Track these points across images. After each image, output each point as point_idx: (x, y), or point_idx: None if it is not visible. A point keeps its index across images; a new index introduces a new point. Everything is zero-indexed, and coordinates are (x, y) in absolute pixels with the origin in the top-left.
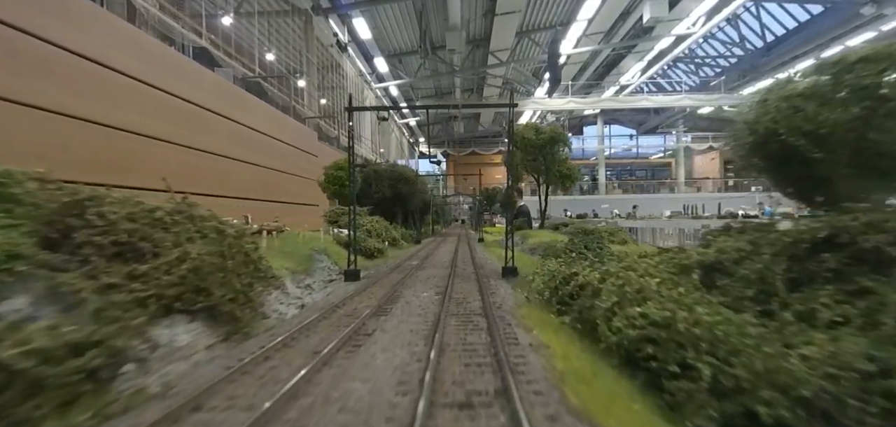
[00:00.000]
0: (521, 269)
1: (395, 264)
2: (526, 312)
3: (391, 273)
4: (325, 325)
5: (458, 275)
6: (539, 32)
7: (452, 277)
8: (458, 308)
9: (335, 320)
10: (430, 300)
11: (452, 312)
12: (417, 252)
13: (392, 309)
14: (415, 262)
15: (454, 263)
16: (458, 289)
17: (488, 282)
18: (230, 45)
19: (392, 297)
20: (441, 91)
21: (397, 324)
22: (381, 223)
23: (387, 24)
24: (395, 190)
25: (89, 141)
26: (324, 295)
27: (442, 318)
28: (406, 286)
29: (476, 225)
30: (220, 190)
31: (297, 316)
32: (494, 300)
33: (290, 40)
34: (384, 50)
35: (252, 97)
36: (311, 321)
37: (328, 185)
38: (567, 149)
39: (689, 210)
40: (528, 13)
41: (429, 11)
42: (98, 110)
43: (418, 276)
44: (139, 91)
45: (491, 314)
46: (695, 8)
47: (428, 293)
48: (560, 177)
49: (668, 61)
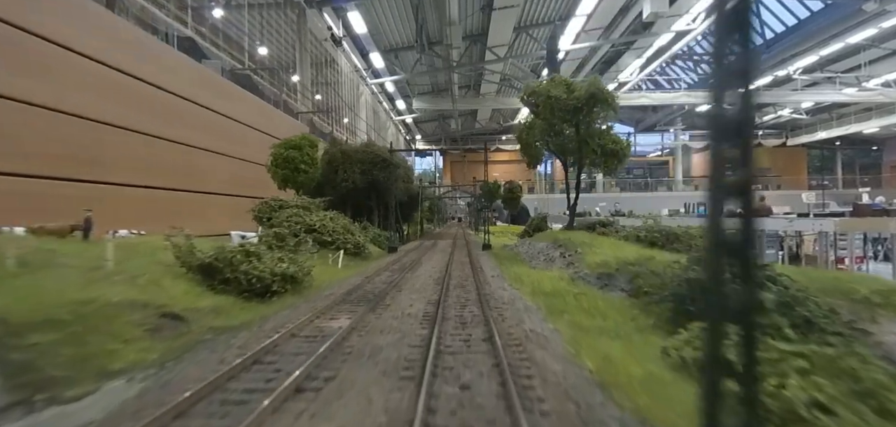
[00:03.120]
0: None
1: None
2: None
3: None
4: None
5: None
6: (537, 28)
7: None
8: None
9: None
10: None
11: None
12: (372, 277)
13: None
14: (328, 324)
15: (427, 355)
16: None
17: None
18: (218, 36)
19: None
20: (438, 87)
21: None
22: (338, 221)
23: (383, 18)
24: (370, 177)
25: (47, 130)
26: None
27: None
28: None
29: (476, 224)
30: (194, 185)
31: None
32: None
33: (283, 33)
34: (380, 45)
35: (236, 87)
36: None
37: (276, 169)
38: (612, 112)
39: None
40: (527, 8)
41: (425, 5)
42: (57, 96)
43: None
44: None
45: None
46: (695, 3)
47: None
48: (603, 155)
49: (666, 58)
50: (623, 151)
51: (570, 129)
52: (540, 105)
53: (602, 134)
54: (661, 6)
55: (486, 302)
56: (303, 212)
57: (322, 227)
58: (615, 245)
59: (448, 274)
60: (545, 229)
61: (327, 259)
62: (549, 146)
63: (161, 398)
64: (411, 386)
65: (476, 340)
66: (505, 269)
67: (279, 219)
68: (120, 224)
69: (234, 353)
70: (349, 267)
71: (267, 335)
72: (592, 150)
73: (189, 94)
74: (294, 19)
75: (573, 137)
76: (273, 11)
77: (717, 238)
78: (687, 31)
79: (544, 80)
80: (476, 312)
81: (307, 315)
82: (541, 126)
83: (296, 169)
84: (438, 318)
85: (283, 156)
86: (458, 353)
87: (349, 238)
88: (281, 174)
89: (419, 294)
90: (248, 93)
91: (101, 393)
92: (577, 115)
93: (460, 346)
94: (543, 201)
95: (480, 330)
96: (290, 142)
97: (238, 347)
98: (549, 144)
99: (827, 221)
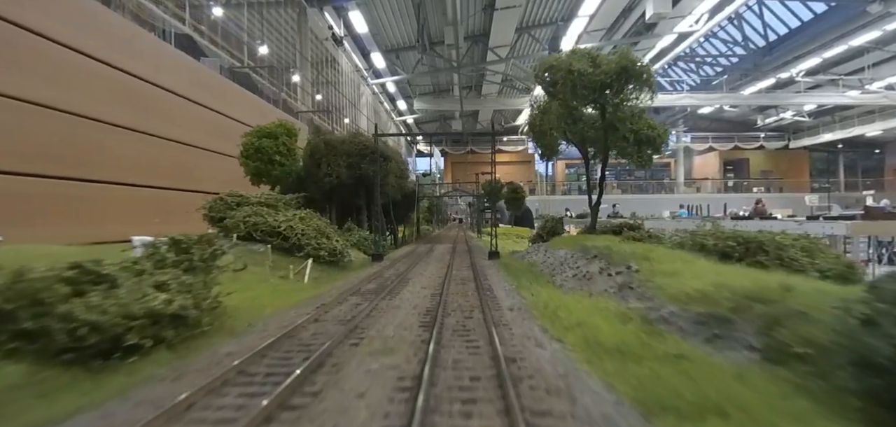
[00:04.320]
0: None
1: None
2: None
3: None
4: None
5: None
6: (540, 28)
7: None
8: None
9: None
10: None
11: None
12: (334, 304)
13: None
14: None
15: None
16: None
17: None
18: (216, 33)
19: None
20: (439, 88)
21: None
22: (310, 222)
23: (384, 18)
24: (357, 171)
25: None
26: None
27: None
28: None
29: (478, 226)
30: (188, 184)
31: None
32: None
33: (283, 32)
34: (381, 45)
35: (232, 84)
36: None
37: (247, 160)
38: (649, 93)
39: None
40: (529, 8)
41: (427, 5)
42: (38, 91)
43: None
44: (93, 71)
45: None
46: (697, 5)
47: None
48: (635, 142)
49: (668, 60)
50: (660, 138)
51: (595, 111)
52: (558, 83)
53: (635, 117)
54: (663, 7)
55: (512, 381)
56: (266, 210)
57: (289, 230)
58: (686, 259)
59: (443, 299)
60: (561, 233)
61: (292, 270)
62: (566, 134)
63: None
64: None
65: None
66: (524, 290)
67: (235, 218)
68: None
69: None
70: (318, 282)
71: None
72: (623, 138)
73: (186, 93)
74: (294, 18)
75: (597, 122)
76: (273, 10)
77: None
78: (690, 32)
79: (563, 53)
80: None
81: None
82: (558, 110)
83: (270, 160)
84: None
85: (255, 145)
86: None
87: (323, 243)
88: (252, 166)
89: (393, 347)
90: (243, 89)
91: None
92: (604, 95)
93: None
94: (544, 203)
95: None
96: (263, 129)
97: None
98: (567, 132)
99: (839, 224)
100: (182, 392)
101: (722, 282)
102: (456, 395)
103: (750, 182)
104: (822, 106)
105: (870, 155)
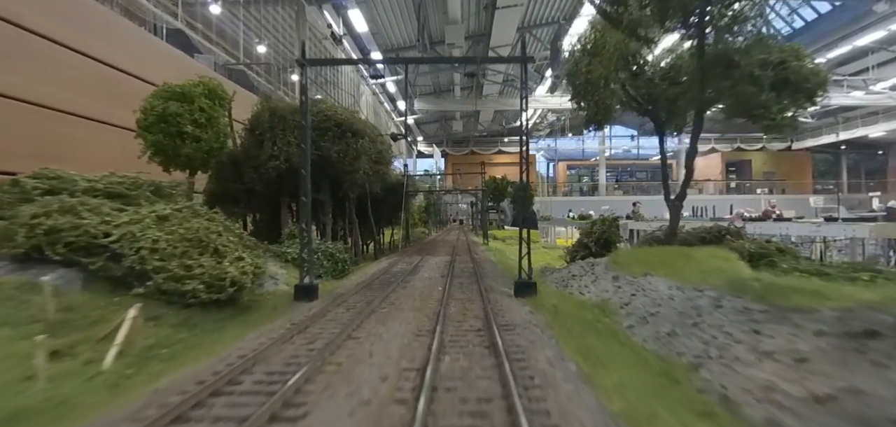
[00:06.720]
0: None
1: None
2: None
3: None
4: None
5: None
6: (541, 28)
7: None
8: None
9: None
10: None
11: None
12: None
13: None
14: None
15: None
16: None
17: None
18: (211, 29)
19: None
20: (440, 88)
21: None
22: (182, 226)
23: (384, 17)
24: (317, 152)
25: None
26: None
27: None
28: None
29: (483, 228)
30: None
31: None
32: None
33: (281, 29)
34: (381, 44)
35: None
36: None
37: (145, 132)
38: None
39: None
40: (530, 8)
41: (427, 4)
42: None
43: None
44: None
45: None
46: None
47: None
48: (773, 88)
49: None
50: (818, 79)
51: (689, 43)
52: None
53: (763, 45)
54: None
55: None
56: (96, 204)
57: (125, 241)
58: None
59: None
60: (616, 241)
61: (111, 326)
62: (626, 88)
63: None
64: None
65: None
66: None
67: (22, 216)
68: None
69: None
70: (146, 361)
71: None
72: (750, 78)
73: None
74: (292, 15)
75: (688, 63)
76: (270, 6)
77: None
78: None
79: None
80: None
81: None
82: (616, 47)
83: (179, 134)
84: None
85: (158, 111)
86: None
87: (196, 266)
88: (151, 140)
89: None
90: (229, 80)
91: None
92: (703, 15)
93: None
94: (545, 204)
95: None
96: (172, 89)
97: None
98: (628, 85)
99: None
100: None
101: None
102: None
103: (752, 183)
104: (826, 107)
105: (873, 156)
